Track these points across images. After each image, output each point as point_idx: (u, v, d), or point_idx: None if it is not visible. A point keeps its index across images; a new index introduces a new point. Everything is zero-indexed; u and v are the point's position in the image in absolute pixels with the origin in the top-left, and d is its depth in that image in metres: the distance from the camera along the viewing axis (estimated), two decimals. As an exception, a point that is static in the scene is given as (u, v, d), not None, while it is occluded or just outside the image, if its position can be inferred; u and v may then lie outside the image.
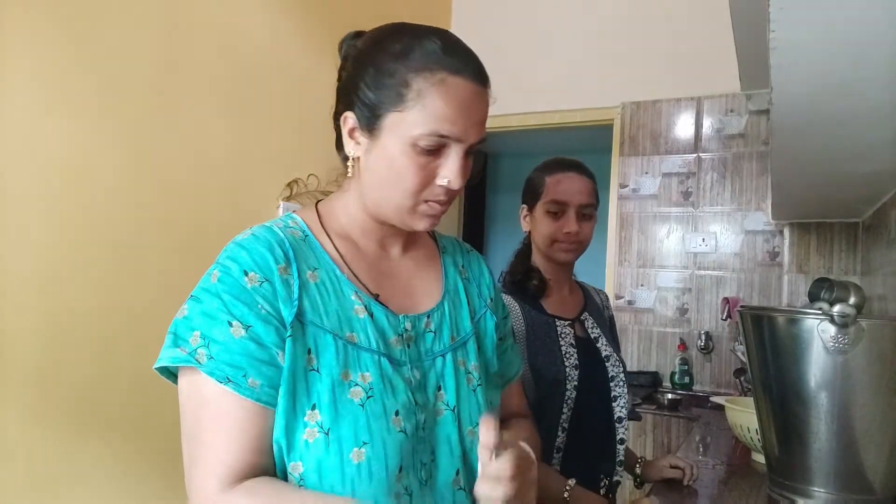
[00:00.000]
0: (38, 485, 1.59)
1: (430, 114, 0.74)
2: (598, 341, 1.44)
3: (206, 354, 0.71)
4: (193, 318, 0.73)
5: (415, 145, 0.75)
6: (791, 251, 2.94)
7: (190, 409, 0.73)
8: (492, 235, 5.71)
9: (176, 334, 0.73)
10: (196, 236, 2.02)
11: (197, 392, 0.72)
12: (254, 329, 0.72)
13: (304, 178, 2.50)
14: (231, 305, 0.72)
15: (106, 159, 1.77)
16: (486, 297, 0.96)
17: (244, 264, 0.75)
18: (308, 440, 0.71)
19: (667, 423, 2.72)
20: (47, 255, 1.63)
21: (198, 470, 0.70)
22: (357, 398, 0.73)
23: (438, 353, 0.83)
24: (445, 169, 0.77)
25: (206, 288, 0.75)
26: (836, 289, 1.47)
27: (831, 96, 1.06)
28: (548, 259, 1.44)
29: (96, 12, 1.74)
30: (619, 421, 1.41)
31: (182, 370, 0.73)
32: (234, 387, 0.70)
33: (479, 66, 0.79)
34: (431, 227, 0.82)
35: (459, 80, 0.75)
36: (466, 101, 0.76)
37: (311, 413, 0.72)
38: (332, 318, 0.76)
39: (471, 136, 0.77)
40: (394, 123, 0.76)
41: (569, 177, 1.41)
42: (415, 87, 0.74)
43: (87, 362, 1.70)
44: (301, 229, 0.82)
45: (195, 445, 0.71)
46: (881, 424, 1.10)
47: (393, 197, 0.78)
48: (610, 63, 3.35)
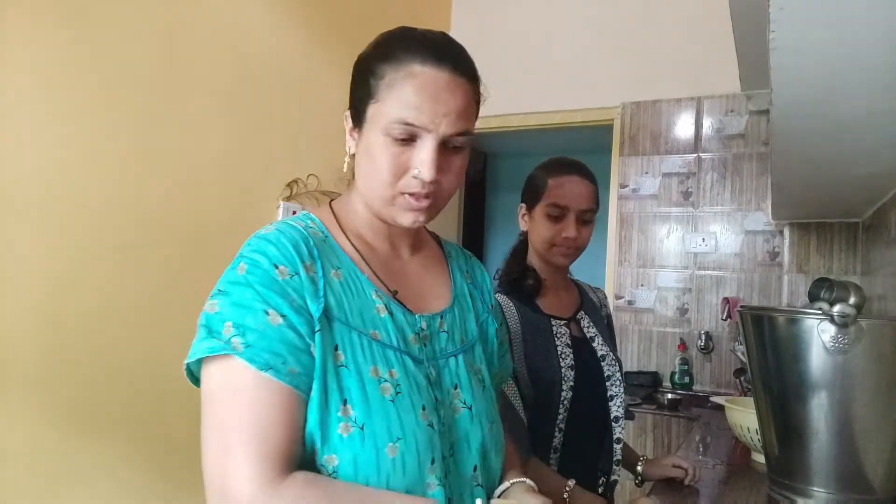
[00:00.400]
0: (39, 485, 1.59)
1: (398, 102, 0.75)
2: (594, 341, 1.44)
3: (241, 342, 0.69)
4: (224, 310, 0.72)
5: (388, 135, 0.76)
6: (791, 251, 2.94)
7: (220, 399, 0.70)
8: (492, 235, 5.71)
9: (207, 327, 0.71)
10: (196, 236, 2.02)
11: (231, 380, 0.69)
12: (289, 318, 0.71)
13: (304, 178, 2.50)
14: (265, 295, 0.72)
15: (106, 160, 1.77)
16: (487, 302, 0.99)
17: (273, 258, 0.74)
18: (343, 435, 0.71)
19: (667, 423, 2.72)
20: (48, 256, 1.63)
21: (235, 461, 0.67)
22: (387, 394, 0.75)
23: (451, 354, 0.86)
24: (416, 159, 0.77)
25: (233, 281, 0.74)
26: (836, 289, 1.47)
27: (831, 97, 1.06)
28: (544, 261, 1.44)
29: (97, 13, 1.74)
30: (616, 420, 1.41)
31: (210, 361, 0.71)
32: (275, 373, 0.68)
33: (458, 58, 0.79)
34: (416, 223, 0.81)
35: (429, 70, 0.76)
36: (436, 91, 0.76)
37: (343, 408, 0.72)
38: (356, 317, 0.77)
39: (442, 126, 0.76)
40: (372, 115, 0.78)
41: (571, 180, 1.39)
42: (387, 78, 0.77)
43: (88, 363, 1.71)
44: (320, 230, 0.83)
45: (229, 433, 0.68)
46: (881, 424, 1.10)
47: (374, 188, 0.80)
48: (610, 63, 3.35)
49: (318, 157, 2.56)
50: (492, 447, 0.85)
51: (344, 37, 2.64)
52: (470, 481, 0.82)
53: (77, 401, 1.68)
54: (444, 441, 0.79)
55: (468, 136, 0.80)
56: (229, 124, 2.18)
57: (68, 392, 1.66)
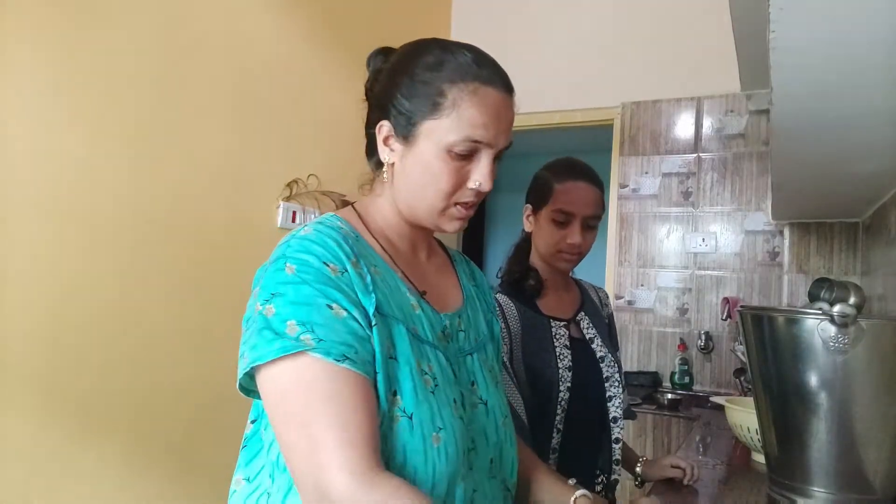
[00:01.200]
0: (40, 485, 1.59)
1: (465, 121, 0.79)
2: (594, 342, 1.44)
3: (312, 338, 0.69)
4: (283, 310, 0.71)
5: (450, 151, 0.80)
6: (791, 251, 2.94)
7: (296, 397, 0.69)
8: (492, 235, 5.71)
9: (271, 329, 0.70)
10: (196, 236, 2.02)
11: (304, 377, 0.69)
12: (352, 311, 0.73)
13: (304, 178, 2.50)
14: (324, 291, 0.72)
15: (106, 160, 1.77)
16: (490, 304, 1.05)
17: (321, 256, 0.75)
18: (392, 424, 0.73)
19: (667, 423, 2.72)
20: (48, 256, 1.63)
21: (324, 454, 0.66)
22: (429, 386, 0.78)
23: (468, 352, 0.90)
24: (477, 173, 0.82)
25: (285, 281, 0.73)
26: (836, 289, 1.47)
27: (831, 96, 1.06)
28: (546, 263, 1.44)
29: (98, 15, 1.74)
30: (615, 421, 1.41)
31: (276, 363, 0.69)
32: (351, 364, 0.70)
33: (506, 77, 0.84)
34: (459, 230, 0.87)
35: (490, 90, 0.81)
36: (497, 109, 0.81)
37: (393, 399, 0.74)
38: (399, 311, 0.80)
39: (500, 141, 0.82)
40: (430, 130, 0.80)
41: (578, 186, 1.38)
42: (450, 97, 0.79)
43: (89, 363, 1.71)
44: (350, 230, 0.84)
45: (312, 430, 0.67)
46: (881, 424, 1.10)
47: (426, 198, 0.83)
48: (610, 63, 3.35)
49: (318, 157, 2.56)
50: (506, 440, 0.89)
51: (344, 38, 2.64)
52: (487, 474, 0.85)
53: (78, 401, 1.68)
54: (468, 434, 0.82)
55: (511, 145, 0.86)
56: (229, 124, 2.18)
57: (69, 392, 1.66)
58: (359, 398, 0.69)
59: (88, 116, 1.72)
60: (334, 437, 0.67)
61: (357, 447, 0.67)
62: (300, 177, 2.48)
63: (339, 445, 0.66)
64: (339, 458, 0.66)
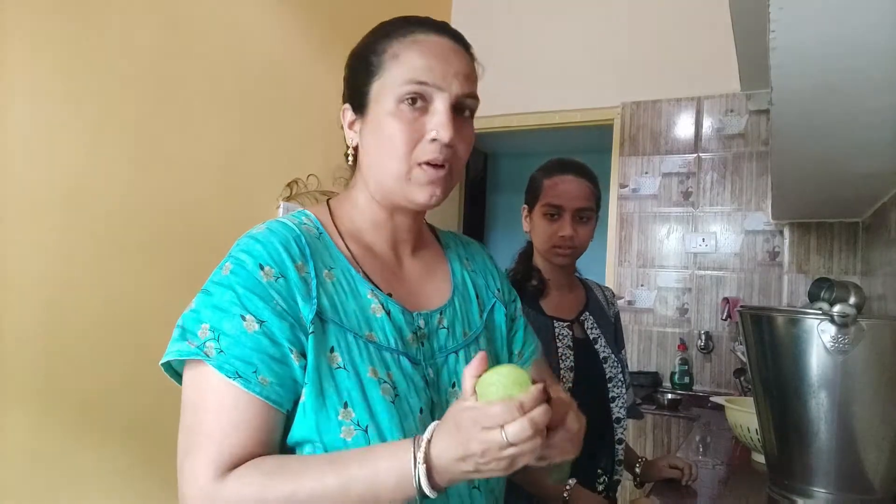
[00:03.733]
0: (39, 485, 1.59)
1: (407, 66, 0.77)
2: (597, 342, 1.44)
3: (215, 348, 0.68)
4: (202, 311, 0.71)
5: (399, 103, 0.76)
6: (791, 251, 2.94)
7: (191, 402, 0.70)
8: (492, 235, 5.71)
9: (184, 328, 0.71)
10: (197, 236, 2.02)
11: (201, 384, 0.69)
12: (268, 325, 0.70)
13: (304, 178, 2.50)
14: (245, 299, 0.70)
15: (106, 160, 1.77)
16: (493, 287, 0.96)
17: (259, 257, 0.73)
18: (347, 438, 0.70)
19: (667, 423, 2.72)
20: (49, 256, 1.62)
21: (192, 460, 0.67)
22: (388, 396, 0.73)
23: (452, 350, 0.83)
24: (432, 122, 0.76)
25: (217, 281, 0.73)
26: (836, 289, 1.47)
27: (831, 96, 1.06)
28: (547, 260, 1.44)
29: (98, 15, 1.74)
30: (618, 421, 1.41)
31: (188, 364, 0.71)
32: (244, 382, 0.68)
33: (455, 31, 0.83)
34: (433, 198, 0.78)
35: (433, 36, 0.79)
36: (443, 53, 0.78)
37: (343, 411, 0.71)
38: (351, 318, 0.75)
39: (454, 85, 0.77)
40: (377, 92, 0.79)
41: (565, 180, 1.40)
42: (390, 51, 0.78)
43: (89, 364, 1.70)
44: (315, 227, 0.82)
45: (192, 435, 0.68)
46: (881, 424, 1.10)
47: (388, 166, 0.78)
48: (610, 63, 3.35)
49: (318, 157, 2.56)
50: None
51: (344, 38, 2.62)
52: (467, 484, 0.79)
53: (79, 403, 1.68)
54: None
55: (476, 100, 0.81)
56: (229, 124, 2.18)
57: (69, 393, 1.66)
58: (240, 417, 0.67)
59: (88, 116, 1.72)
60: (203, 447, 0.67)
61: (221, 464, 0.66)
62: (300, 177, 2.48)
63: (204, 461, 0.66)
64: (201, 472, 0.66)
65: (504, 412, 0.58)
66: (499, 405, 0.59)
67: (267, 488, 0.64)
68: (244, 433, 0.68)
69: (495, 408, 0.59)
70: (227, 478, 0.66)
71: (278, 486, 0.64)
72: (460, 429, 0.61)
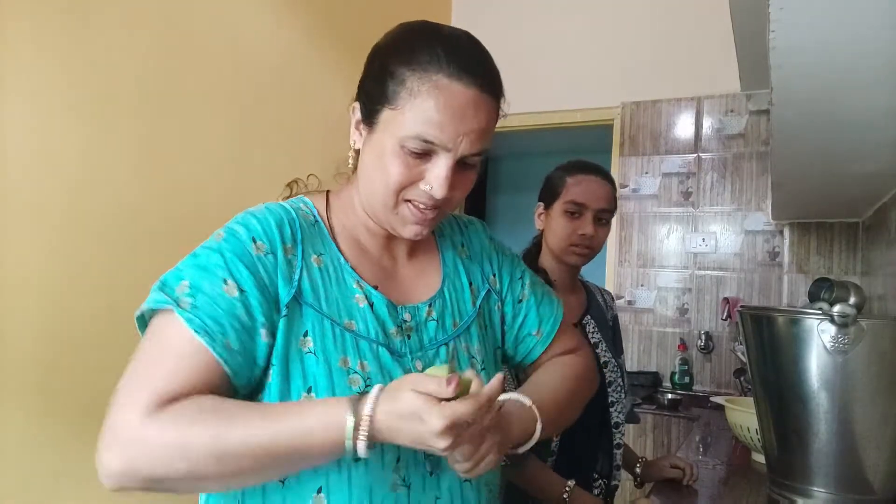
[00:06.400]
0: (39, 485, 1.59)
1: (420, 117, 0.71)
2: (598, 347, 1.44)
3: (189, 303, 0.68)
4: (185, 270, 0.71)
5: (402, 146, 0.73)
6: (791, 251, 2.94)
7: (150, 344, 0.69)
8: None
9: (164, 282, 0.71)
10: (196, 236, 2.01)
11: (166, 330, 0.68)
12: (248, 295, 0.70)
13: (304, 178, 2.49)
14: (231, 264, 0.71)
15: (106, 160, 1.77)
16: (488, 273, 0.94)
17: (254, 231, 0.74)
18: None
19: (667, 423, 2.72)
20: (48, 256, 1.62)
21: (128, 393, 0.65)
22: (356, 386, 0.72)
23: (442, 342, 0.83)
24: (430, 175, 0.74)
25: (207, 245, 0.74)
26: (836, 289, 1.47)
27: (831, 96, 1.06)
28: (557, 260, 1.43)
29: (98, 15, 1.74)
30: (616, 426, 1.41)
31: (159, 313, 0.69)
32: (209, 340, 0.66)
33: (485, 74, 0.75)
34: (418, 236, 0.78)
35: (456, 86, 0.71)
36: (461, 109, 0.72)
37: (307, 395, 0.71)
38: (331, 305, 0.76)
39: (461, 146, 0.73)
40: (387, 120, 0.74)
41: (590, 179, 1.40)
42: (408, 87, 0.72)
43: (88, 364, 1.70)
44: (312, 213, 0.83)
45: (140, 368, 0.67)
46: (881, 424, 1.10)
47: (377, 192, 0.77)
48: (610, 63, 3.35)
49: (318, 157, 2.55)
50: None
51: (344, 37, 2.64)
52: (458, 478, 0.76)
53: (78, 402, 1.68)
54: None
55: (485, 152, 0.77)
56: (229, 124, 2.18)
57: (69, 393, 1.66)
58: (195, 370, 0.66)
59: (87, 118, 1.72)
60: (148, 386, 0.64)
61: (157, 393, 0.64)
62: (300, 177, 2.47)
63: (137, 390, 0.65)
64: (140, 402, 0.64)
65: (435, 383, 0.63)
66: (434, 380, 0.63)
67: (191, 431, 0.62)
68: (190, 387, 0.65)
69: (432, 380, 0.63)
70: (159, 414, 0.64)
71: (203, 432, 0.62)
72: (399, 388, 0.64)
